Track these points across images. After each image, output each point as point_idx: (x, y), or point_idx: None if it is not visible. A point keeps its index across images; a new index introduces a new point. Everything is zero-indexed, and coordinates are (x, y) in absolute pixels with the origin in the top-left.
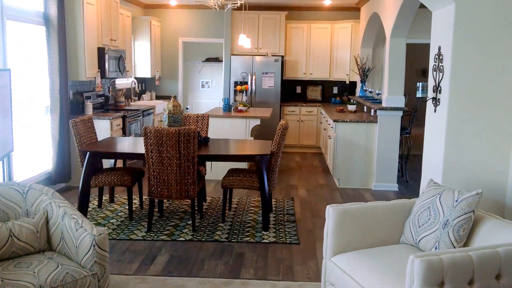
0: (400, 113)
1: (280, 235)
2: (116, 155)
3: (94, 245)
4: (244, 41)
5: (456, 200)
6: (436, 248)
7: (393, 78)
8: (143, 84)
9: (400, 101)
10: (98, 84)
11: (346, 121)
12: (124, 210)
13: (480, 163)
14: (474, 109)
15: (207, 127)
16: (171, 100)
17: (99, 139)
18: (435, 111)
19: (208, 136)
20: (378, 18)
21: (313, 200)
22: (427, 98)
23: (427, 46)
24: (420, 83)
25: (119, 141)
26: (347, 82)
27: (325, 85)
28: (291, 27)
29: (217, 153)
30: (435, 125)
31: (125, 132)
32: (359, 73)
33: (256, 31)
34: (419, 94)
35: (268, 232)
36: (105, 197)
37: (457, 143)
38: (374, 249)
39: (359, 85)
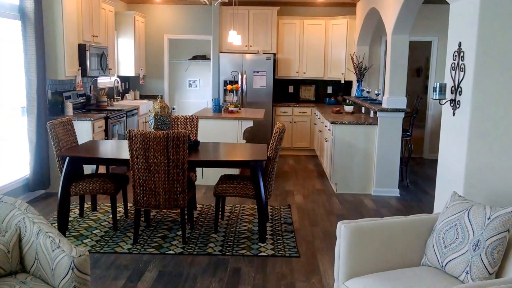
0: (402, 115)
1: (279, 247)
2: (98, 161)
3: (73, 268)
4: (234, 38)
5: (488, 218)
6: (467, 273)
7: (394, 78)
8: (127, 83)
9: (402, 102)
10: (78, 83)
11: (345, 123)
12: (108, 219)
13: (509, 174)
14: (501, 113)
15: (196, 130)
16: (158, 101)
17: (79, 143)
18: (453, 114)
19: (198, 139)
20: (376, 14)
21: (311, 207)
22: (444, 101)
23: (421, 44)
24: (438, 83)
25: (102, 145)
26: (342, 82)
27: (319, 84)
28: (283, 23)
29: (209, 159)
30: (454, 130)
31: (107, 134)
32: (355, 72)
33: (247, 27)
34: (435, 96)
35: (265, 244)
36: (87, 204)
37: (482, 150)
38: (393, 272)
39: (355, 84)
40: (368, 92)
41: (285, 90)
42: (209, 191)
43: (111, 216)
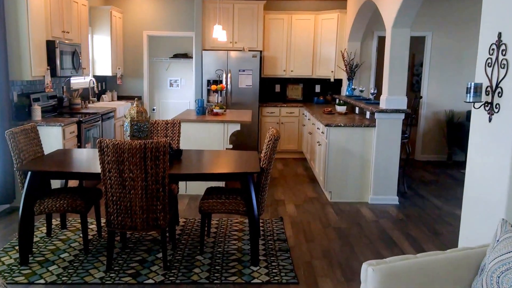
0: (402, 116)
1: (274, 271)
2: (66, 175)
3: None
4: (219, 33)
5: None
6: None
7: (394, 76)
8: (103, 83)
9: (402, 102)
10: (48, 83)
11: (340, 126)
12: (79, 239)
13: None
14: None
15: (178, 136)
16: (134, 105)
17: (48, 151)
18: (490, 120)
19: (180, 147)
20: (371, 7)
21: (305, 219)
22: (478, 104)
23: (414, 40)
24: (472, 83)
25: (71, 155)
26: (332, 80)
27: (307, 83)
28: (269, 18)
29: (194, 172)
30: (491, 139)
31: (80, 140)
32: (346, 69)
33: (231, 23)
34: (469, 98)
35: (258, 268)
36: (56, 221)
37: None
38: None
39: (345, 83)
40: (362, 91)
41: (272, 90)
42: (193, 201)
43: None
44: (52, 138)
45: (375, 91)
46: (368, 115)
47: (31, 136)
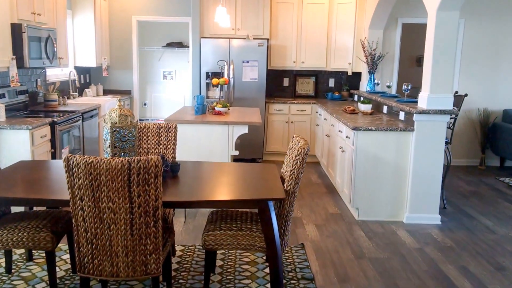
0: (447, 118)
1: None
2: (20, 202)
3: None
4: (221, 17)
5: None
6: None
7: (438, 70)
8: (87, 75)
9: (447, 102)
10: (13, 76)
11: (371, 130)
12: (47, 277)
13: None
14: None
15: (174, 144)
16: (116, 106)
17: (11, 162)
18: None
19: (176, 157)
20: None
21: (332, 246)
22: None
23: (420, 28)
24: None
25: (38, 169)
26: (350, 73)
27: (319, 76)
28: (277, 2)
29: (197, 198)
30: None
31: (55, 146)
32: (367, 61)
33: (234, 7)
34: None
35: None
36: (19, 251)
37: None
38: None
39: (365, 76)
40: (389, 87)
41: (279, 84)
42: (191, 220)
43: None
44: (18, 144)
45: (407, 88)
46: (402, 116)
47: None
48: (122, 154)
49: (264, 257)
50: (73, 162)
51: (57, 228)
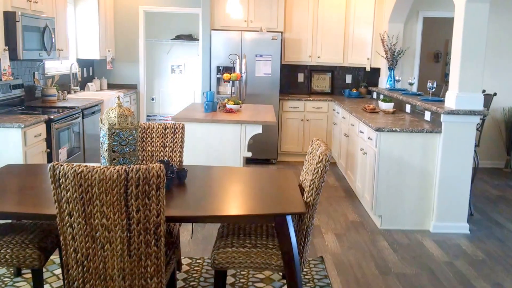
0: (477, 120)
1: None
2: (5, 216)
3: None
4: (233, 8)
5: None
6: None
7: (467, 66)
8: (91, 68)
9: (477, 101)
10: (5, 69)
11: (395, 131)
12: None
13: None
14: None
15: (181, 147)
16: (115, 105)
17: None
18: None
19: (183, 161)
20: None
21: (354, 259)
22: None
23: (440, 22)
24: None
25: (26, 176)
26: (368, 69)
27: (336, 72)
28: None
29: (205, 213)
30: None
31: (51, 146)
32: (387, 56)
33: None
34: None
35: None
36: None
37: None
38: None
39: (384, 72)
40: (411, 84)
41: (294, 79)
42: (200, 228)
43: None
44: (9, 144)
45: (433, 86)
46: (428, 116)
47: None
48: (121, 159)
49: (281, 273)
50: (59, 172)
51: (46, 244)
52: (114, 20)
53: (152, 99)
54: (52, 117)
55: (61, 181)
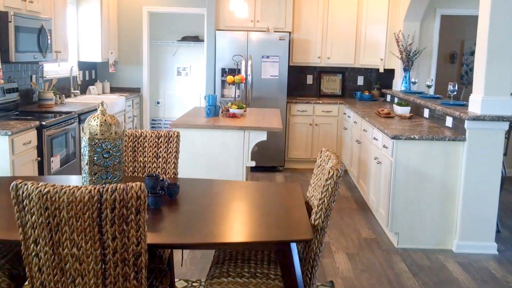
0: (506, 126)
1: None
2: None
3: None
4: (238, 6)
5: None
6: None
7: (494, 68)
8: (93, 71)
9: (505, 106)
10: None
11: (414, 138)
12: None
13: None
14: None
15: (175, 157)
16: (98, 111)
17: None
18: None
19: (177, 173)
20: None
21: (368, 286)
22: None
23: (457, 21)
24: None
25: (7, 191)
26: (381, 71)
27: (347, 73)
28: None
29: (195, 240)
30: None
31: (42, 154)
32: (402, 57)
33: None
34: None
35: None
36: None
37: None
38: None
39: (399, 74)
40: (429, 87)
41: (302, 81)
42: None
43: None
44: None
45: (454, 88)
46: (450, 122)
47: None
48: (103, 173)
49: None
50: (23, 192)
51: (18, 271)
52: (117, 21)
53: (158, 103)
54: (44, 123)
55: (25, 203)
